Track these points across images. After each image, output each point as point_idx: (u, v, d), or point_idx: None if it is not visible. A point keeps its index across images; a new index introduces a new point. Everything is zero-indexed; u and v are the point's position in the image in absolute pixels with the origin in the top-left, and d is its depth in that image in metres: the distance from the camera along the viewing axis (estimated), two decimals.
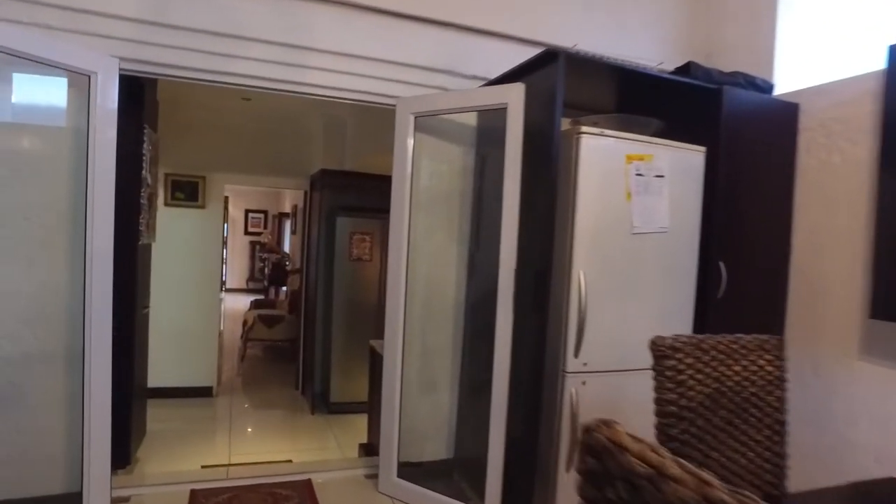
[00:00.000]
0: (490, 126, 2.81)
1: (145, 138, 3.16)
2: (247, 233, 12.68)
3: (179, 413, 4.74)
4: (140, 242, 3.19)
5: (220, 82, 2.62)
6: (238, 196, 12.47)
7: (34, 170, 2.35)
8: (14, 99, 2.30)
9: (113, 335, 2.28)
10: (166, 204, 4.87)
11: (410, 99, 2.77)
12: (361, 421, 4.03)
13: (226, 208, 13.06)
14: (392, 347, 2.77)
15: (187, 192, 4.92)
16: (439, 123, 2.93)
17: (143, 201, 3.23)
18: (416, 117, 2.74)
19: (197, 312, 5.04)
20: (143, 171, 3.20)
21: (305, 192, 5.43)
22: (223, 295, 12.58)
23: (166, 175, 4.84)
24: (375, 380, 3.44)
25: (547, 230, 2.23)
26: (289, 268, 9.76)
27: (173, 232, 4.92)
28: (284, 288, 9.72)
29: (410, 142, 2.76)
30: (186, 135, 4.93)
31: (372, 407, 3.64)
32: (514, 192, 2.39)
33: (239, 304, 10.54)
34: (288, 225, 11.45)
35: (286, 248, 11.60)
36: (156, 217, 3.72)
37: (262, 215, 12.74)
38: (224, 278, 13.13)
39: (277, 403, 5.32)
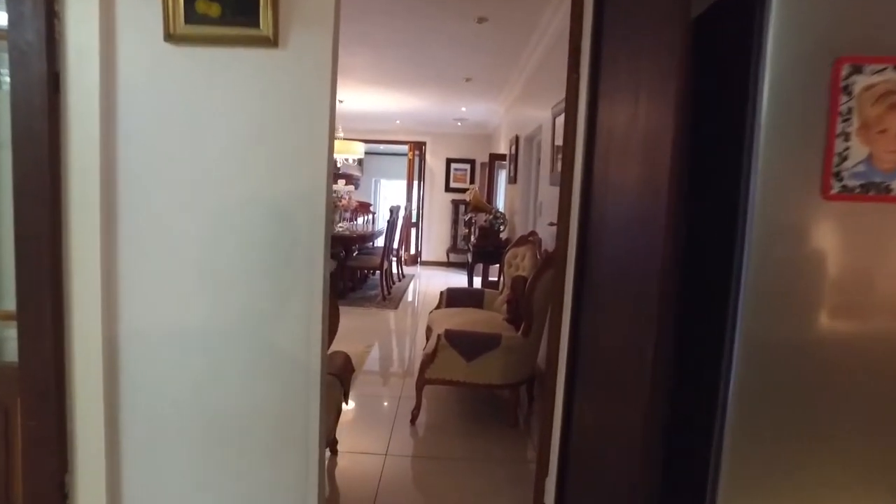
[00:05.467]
0: None
1: None
2: (448, 189, 9.62)
3: None
4: None
5: None
6: (436, 141, 9.45)
7: None
8: None
9: None
10: (171, 35, 1.61)
11: None
12: None
13: (422, 158, 10.22)
14: None
15: None
16: None
17: None
18: None
19: (251, 356, 1.76)
20: None
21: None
22: (417, 269, 9.83)
23: None
24: None
25: None
26: (503, 234, 6.33)
27: (178, 118, 1.68)
28: (497, 266, 6.21)
29: None
30: None
31: None
32: None
33: (436, 283, 7.51)
34: (503, 174, 8.03)
35: (500, 206, 8.23)
36: None
37: (467, 165, 9.56)
38: (420, 248, 10.37)
39: None
